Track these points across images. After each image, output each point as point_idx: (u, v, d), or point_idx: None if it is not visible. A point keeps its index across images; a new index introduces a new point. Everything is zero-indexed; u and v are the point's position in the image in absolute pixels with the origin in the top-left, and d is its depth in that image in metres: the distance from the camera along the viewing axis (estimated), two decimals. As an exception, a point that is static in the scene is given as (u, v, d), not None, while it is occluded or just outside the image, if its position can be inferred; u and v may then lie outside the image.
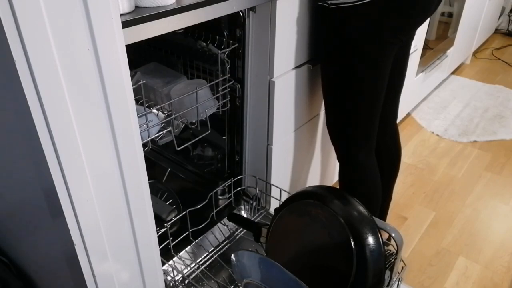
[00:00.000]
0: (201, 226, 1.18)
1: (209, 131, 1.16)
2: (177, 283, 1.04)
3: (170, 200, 1.31)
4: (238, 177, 1.32)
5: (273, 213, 1.07)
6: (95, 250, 0.75)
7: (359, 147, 1.18)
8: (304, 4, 1.09)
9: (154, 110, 1.06)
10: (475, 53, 3.19)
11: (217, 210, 1.24)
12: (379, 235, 0.89)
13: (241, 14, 1.05)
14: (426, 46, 2.10)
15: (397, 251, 0.94)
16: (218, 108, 1.15)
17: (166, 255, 1.10)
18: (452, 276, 1.43)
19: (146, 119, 0.98)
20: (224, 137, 1.33)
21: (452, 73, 2.87)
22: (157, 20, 0.76)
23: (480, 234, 1.60)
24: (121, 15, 0.71)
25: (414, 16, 1.03)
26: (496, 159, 2.04)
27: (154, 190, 1.34)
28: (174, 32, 0.94)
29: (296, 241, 0.98)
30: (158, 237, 0.90)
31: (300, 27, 1.12)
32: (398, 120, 2.12)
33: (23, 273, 1.11)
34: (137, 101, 1.01)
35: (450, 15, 2.31)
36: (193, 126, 1.15)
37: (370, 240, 0.87)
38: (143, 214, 0.81)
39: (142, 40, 0.76)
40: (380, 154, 1.29)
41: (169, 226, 1.09)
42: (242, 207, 1.32)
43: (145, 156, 0.77)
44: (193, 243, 1.17)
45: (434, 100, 2.54)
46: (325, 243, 0.92)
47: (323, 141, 1.50)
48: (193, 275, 1.11)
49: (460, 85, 2.73)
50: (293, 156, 1.36)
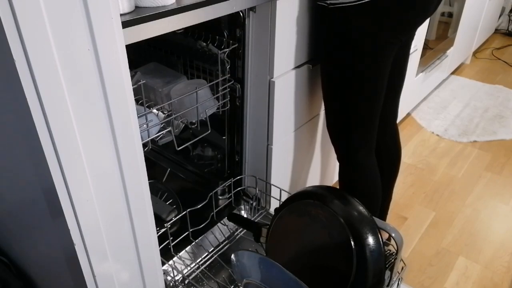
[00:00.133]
0: (201, 226, 1.18)
1: (209, 131, 1.16)
2: (177, 283, 1.04)
3: (170, 200, 1.31)
4: (238, 177, 1.32)
5: (273, 213, 1.07)
6: (95, 250, 0.75)
7: (359, 147, 1.18)
8: (304, 4, 1.10)
9: (154, 110, 1.06)
10: (475, 53, 3.19)
11: (217, 210, 1.24)
12: (379, 235, 0.89)
13: (241, 14, 1.05)
14: (426, 46, 2.10)
15: (397, 251, 0.94)
16: (218, 108, 1.15)
17: (166, 255, 1.10)
18: (452, 276, 1.43)
19: (146, 119, 0.98)
20: (224, 137, 1.33)
21: (452, 73, 2.87)
22: (157, 20, 0.76)
23: (480, 234, 1.60)
24: (121, 15, 0.71)
25: (414, 16, 1.03)
26: (496, 159, 2.04)
27: (154, 190, 1.34)
28: (174, 32, 0.94)
29: (296, 241, 0.98)
30: (158, 237, 0.90)
31: (300, 27, 1.12)
32: (398, 120, 2.12)
33: (23, 273, 1.11)
34: (137, 101, 1.01)
35: (450, 15, 2.31)
36: (193, 126, 1.15)
37: (370, 240, 0.88)
38: (143, 214, 0.81)
39: (142, 40, 0.76)
40: (380, 154, 1.29)
41: (169, 226, 1.09)
42: (242, 207, 1.32)
43: (145, 156, 0.77)
44: (193, 243, 1.17)
45: (434, 100, 2.54)
46: (325, 243, 0.92)
47: (323, 141, 1.50)
48: (193, 275, 1.11)
49: (460, 85, 2.73)
50: (293, 156, 1.36)
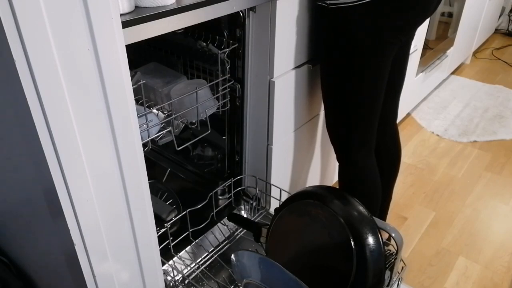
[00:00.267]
0: (201, 226, 1.18)
1: (209, 131, 1.16)
2: (177, 283, 1.04)
3: (170, 200, 1.31)
4: (238, 177, 1.32)
5: (273, 213, 1.07)
6: (95, 250, 0.75)
7: (359, 147, 1.18)
8: (304, 4, 1.10)
9: (154, 110, 1.06)
10: (475, 53, 3.19)
11: (217, 210, 1.24)
12: (379, 235, 0.89)
13: (241, 14, 1.05)
14: (426, 46, 2.10)
15: (397, 251, 0.94)
16: (218, 108, 1.15)
17: (166, 255, 1.10)
18: (452, 276, 1.43)
19: (146, 119, 0.98)
20: (224, 137, 1.33)
21: (452, 73, 2.87)
22: (157, 20, 0.76)
23: (480, 234, 1.60)
24: (121, 15, 0.71)
25: (414, 16, 1.03)
26: (496, 159, 2.04)
27: (154, 190, 1.34)
28: (174, 32, 0.94)
29: (296, 241, 0.98)
30: (158, 237, 0.90)
31: (300, 27, 1.12)
32: (398, 120, 2.11)
33: (23, 273, 1.11)
34: (137, 101, 1.01)
35: (450, 15, 2.31)
36: (193, 126, 1.15)
37: (370, 240, 0.88)
38: (143, 214, 0.81)
39: (142, 40, 0.76)
40: (380, 154, 1.29)
41: (169, 226, 1.09)
42: (242, 207, 1.32)
43: (145, 156, 0.77)
44: (193, 243, 1.17)
45: (434, 100, 2.54)
46: (325, 243, 0.92)
47: (323, 141, 1.50)
48: (193, 275, 1.11)
49: (460, 85, 2.73)
50: (293, 156, 1.36)
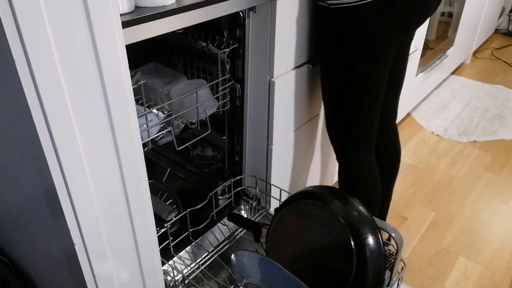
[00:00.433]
0: (201, 226, 1.18)
1: (209, 131, 1.16)
2: (177, 283, 1.04)
3: (170, 200, 1.31)
4: (238, 177, 1.32)
5: (273, 213, 1.07)
6: (95, 250, 0.75)
7: (359, 147, 1.18)
8: (304, 4, 1.09)
9: (154, 110, 1.06)
10: (475, 53, 3.19)
11: (217, 210, 1.24)
12: (379, 235, 0.89)
13: (241, 14, 1.05)
14: (426, 46, 2.10)
15: (397, 251, 0.94)
16: (218, 108, 1.15)
17: (166, 255, 1.10)
18: (452, 276, 1.43)
19: (146, 119, 0.98)
20: (224, 137, 1.33)
21: (452, 73, 2.87)
22: (157, 20, 0.76)
23: (480, 234, 1.60)
24: (121, 15, 0.71)
25: (414, 16, 1.03)
26: (496, 159, 2.04)
27: (154, 190, 1.34)
28: (174, 32, 0.94)
29: (296, 241, 0.98)
30: (158, 237, 0.90)
31: (300, 27, 1.12)
32: (398, 120, 2.12)
33: (23, 273, 1.11)
34: (137, 101, 1.01)
35: (450, 15, 2.31)
36: (193, 126, 1.15)
37: (370, 240, 0.87)
38: (143, 214, 0.81)
39: (142, 40, 0.76)
40: (380, 154, 1.29)
41: (169, 226, 1.09)
42: (242, 207, 1.32)
43: (145, 156, 0.77)
44: (193, 243, 1.17)
45: (434, 100, 2.54)
46: (325, 243, 0.92)
47: (323, 141, 1.50)
48: (193, 275, 1.11)
49: (460, 85, 2.73)
50: (293, 156, 1.36)
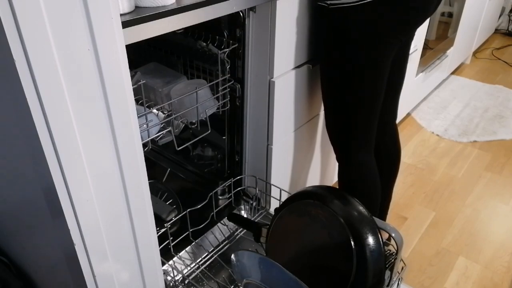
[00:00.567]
0: (201, 226, 1.18)
1: (209, 131, 1.16)
2: (177, 283, 1.04)
3: (170, 200, 1.31)
4: (238, 177, 1.32)
5: (273, 213, 1.07)
6: (95, 250, 0.75)
7: (359, 147, 1.18)
8: (304, 4, 1.09)
9: (154, 110, 1.06)
10: (475, 53, 3.19)
11: (217, 210, 1.24)
12: (379, 235, 0.89)
13: (241, 14, 1.05)
14: (426, 46, 2.10)
15: (397, 251, 0.94)
16: (218, 108, 1.15)
17: (166, 255, 1.10)
18: (452, 276, 1.43)
19: (146, 119, 0.98)
20: (224, 137, 1.33)
21: (452, 73, 2.87)
22: (157, 20, 0.76)
23: (480, 234, 1.60)
24: (121, 15, 0.71)
25: (414, 16, 1.03)
26: (496, 159, 2.04)
27: (154, 190, 1.34)
28: (174, 32, 0.94)
29: (296, 241, 0.98)
30: (158, 237, 0.90)
31: (300, 27, 1.12)
32: (398, 120, 2.12)
33: (23, 273, 1.11)
34: (137, 101, 1.01)
35: (450, 15, 2.31)
36: (193, 126, 1.15)
37: (370, 240, 0.87)
38: (143, 214, 0.81)
39: (142, 40, 0.76)
40: (380, 154, 1.29)
41: (169, 226, 1.09)
42: (242, 207, 1.32)
43: (145, 156, 0.77)
44: (193, 243, 1.17)
45: (434, 100, 2.54)
46: (325, 243, 0.92)
47: (323, 141, 1.50)
48: (193, 275, 1.11)
49: (460, 85, 2.73)
50: (293, 156, 1.36)
